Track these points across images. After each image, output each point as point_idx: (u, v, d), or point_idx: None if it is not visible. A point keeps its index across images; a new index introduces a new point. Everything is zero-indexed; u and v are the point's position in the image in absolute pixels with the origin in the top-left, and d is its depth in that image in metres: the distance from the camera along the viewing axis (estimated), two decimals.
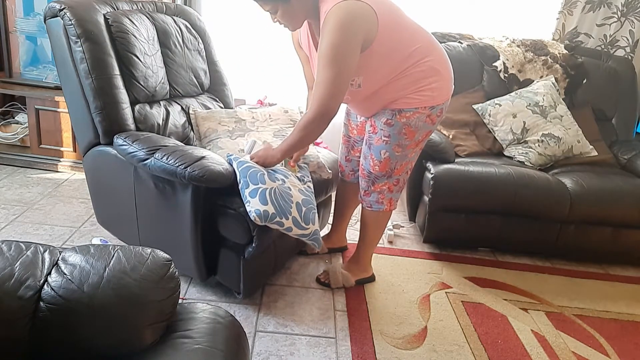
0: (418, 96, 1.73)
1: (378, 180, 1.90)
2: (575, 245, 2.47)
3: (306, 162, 2.05)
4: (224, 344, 0.92)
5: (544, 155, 2.60)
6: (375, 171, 1.87)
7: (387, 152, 1.82)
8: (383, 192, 1.92)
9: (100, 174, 2.05)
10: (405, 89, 1.72)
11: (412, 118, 1.75)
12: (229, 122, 2.08)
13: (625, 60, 3.01)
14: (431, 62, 1.72)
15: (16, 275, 0.86)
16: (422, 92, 1.73)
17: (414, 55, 1.69)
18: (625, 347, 1.92)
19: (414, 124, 1.76)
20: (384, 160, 1.84)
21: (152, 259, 0.93)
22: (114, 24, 1.94)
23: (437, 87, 1.74)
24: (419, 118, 1.75)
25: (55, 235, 2.26)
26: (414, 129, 1.77)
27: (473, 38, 3.00)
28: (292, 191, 1.73)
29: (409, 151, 1.84)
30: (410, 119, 1.75)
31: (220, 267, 1.86)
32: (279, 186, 1.69)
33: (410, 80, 1.71)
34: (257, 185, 1.64)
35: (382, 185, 1.90)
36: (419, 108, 1.74)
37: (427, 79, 1.72)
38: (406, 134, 1.78)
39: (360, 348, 1.73)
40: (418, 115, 1.75)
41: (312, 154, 2.11)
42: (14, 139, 3.05)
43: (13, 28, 3.02)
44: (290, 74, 3.21)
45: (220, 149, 1.96)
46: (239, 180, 1.67)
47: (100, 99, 1.86)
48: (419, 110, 1.74)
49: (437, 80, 1.74)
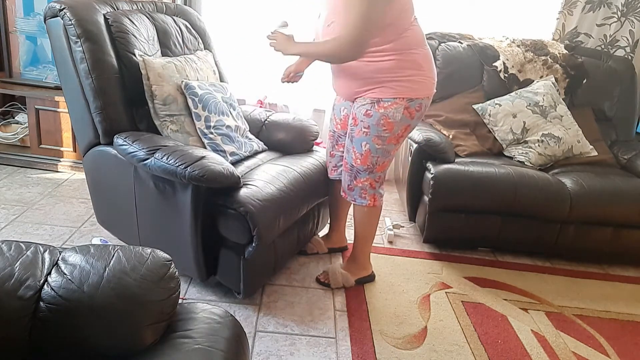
0: (396, 86, 1.78)
1: (360, 175, 1.93)
2: (575, 245, 2.47)
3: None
4: (224, 344, 0.92)
5: (544, 155, 2.60)
6: (357, 164, 1.91)
7: (367, 144, 1.86)
8: (365, 187, 1.95)
9: (100, 174, 2.05)
10: (384, 74, 1.77)
11: (390, 109, 1.79)
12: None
13: (625, 60, 3.01)
14: (416, 56, 1.78)
15: (16, 275, 0.86)
16: (401, 82, 1.78)
17: (403, 40, 1.74)
18: (625, 347, 1.92)
19: (392, 114, 1.80)
20: (365, 153, 1.87)
21: (152, 259, 0.93)
22: (114, 24, 1.95)
23: (417, 81, 1.79)
24: (396, 109, 1.79)
25: (55, 235, 2.26)
26: (392, 121, 1.81)
27: (473, 38, 3.00)
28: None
29: (390, 146, 1.87)
30: (388, 110, 1.79)
31: (220, 267, 1.86)
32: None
33: (392, 66, 1.76)
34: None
35: (364, 180, 1.93)
36: (397, 99, 1.79)
37: (408, 70, 1.77)
38: (384, 126, 1.82)
39: (360, 348, 1.73)
40: (396, 106, 1.79)
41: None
42: (14, 139, 3.05)
43: (13, 28, 3.02)
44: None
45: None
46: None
47: (100, 99, 1.86)
48: (397, 100, 1.79)
49: (418, 75, 1.79)
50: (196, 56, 2.21)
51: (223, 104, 2.11)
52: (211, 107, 2.04)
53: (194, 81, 2.05)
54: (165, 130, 1.96)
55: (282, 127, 2.34)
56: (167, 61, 2.02)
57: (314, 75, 3.19)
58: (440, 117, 2.73)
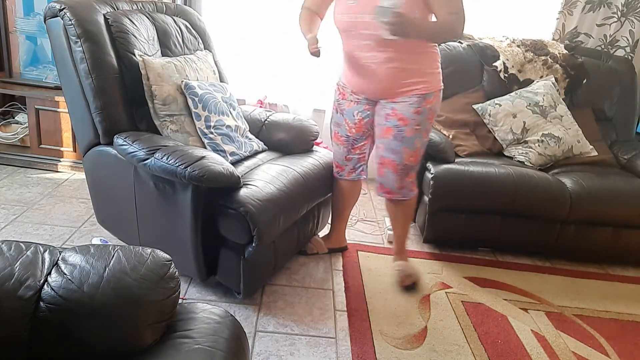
0: (436, 78, 1.91)
1: (412, 170, 2.00)
2: (575, 245, 2.47)
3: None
4: (224, 344, 0.92)
5: (544, 155, 2.60)
6: (410, 162, 1.96)
7: (419, 140, 1.94)
8: (412, 178, 2.04)
9: (100, 174, 2.05)
10: (431, 62, 1.88)
11: (434, 102, 1.91)
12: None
13: (625, 60, 3.01)
14: (437, 49, 1.93)
15: (16, 275, 0.86)
16: (437, 73, 1.91)
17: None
18: (625, 347, 1.92)
19: (435, 108, 1.93)
20: (417, 149, 1.95)
21: (152, 259, 0.93)
22: (114, 24, 1.95)
23: (440, 72, 1.94)
24: (437, 102, 1.93)
25: (55, 235, 2.26)
26: (434, 113, 1.94)
27: (473, 38, 3.00)
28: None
29: (428, 136, 2.02)
30: (434, 104, 1.91)
31: (220, 267, 1.86)
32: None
33: (432, 57, 1.89)
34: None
35: (413, 173, 2.02)
36: (435, 91, 1.90)
37: (438, 62, 1.92)
38: (430, 119, 1.93)
39: (360, 348, 1.73)
40: (436, 99, 1.92)
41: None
42: (14, 139, 3.05)
43: (13, 28, 3.01)
44: (290, 74, 3.21)
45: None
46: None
47: (100, 99, 1.86)
48: (435, 93, 1.91)
49: (439, 65, 1.94)
50: (196, 56, 2.21)
51: (223, 104, 2.11)
52: (211, 107, 2.04)
53: (194, 81, 2.05)
54: (165, 130, 1.96)
55: (282, 127, 2.33)
56: (167, 61, 2.02)
57: (314, 75, 3.21)
58: (440, 117, 2.73)
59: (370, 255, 2.37)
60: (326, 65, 3.19)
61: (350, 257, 2.33)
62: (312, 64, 3.18)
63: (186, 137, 1.99)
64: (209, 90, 2.07)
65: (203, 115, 2.01)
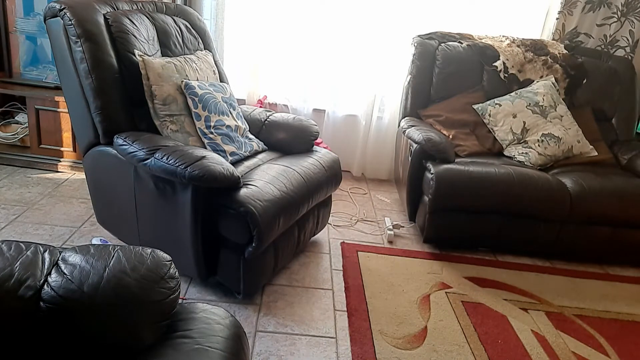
0: None
1: None
2: (575, 245, 2.47)
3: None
4: (224, 344, 0.92)
5: (544, 155, 2.60)
6: None
7: None
8: None
9: (100, 174, 2.05)
10: None
11: None
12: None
13: (625, 60, 3.01)
14: None
15: (16, 275, 0.86)
16: None
17: None
18: (625, 347, 1.92)
19: None
20: None
21: (152, 259, 0.93)
22: (114, 24, 1.95)
23: None
24: None
25: (55, 235, 2.26)
26: None
27: (473, 38, 3.00)
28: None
29: None
30: None
31: (220, 267, 1.86)
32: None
33: None
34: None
35: None
36: None
37: None
38: None
39: (360, 348, 1.73)
40: None
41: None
42: (14, 139, 3.05)
43: (13, 28, 3.01)
44: (290, 74, 3.21)
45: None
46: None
47: (100, 99, 1.86)
48: None
49: None
50: (196, 56, 2.21)
51: (223, 103, 2.11)
52: (211, 107, 2.04)
53: (194, 81, 2.05)
54: (165, 130, 1.96)
55: (282, 127, 2.33)
56: (167, 61, 2.02)
57: (314, 76, 3.21)
58: (440, 117, 2.73)
59: (370, 255, 2.37)
60: (326, 65, 3.19)
61: (350, 257, 2.33)
62: (312, 63, 3.19)
63: (186, 137, 1.99)
64: (209, 90, 2.07)
65: (203, 115, 2.01)
